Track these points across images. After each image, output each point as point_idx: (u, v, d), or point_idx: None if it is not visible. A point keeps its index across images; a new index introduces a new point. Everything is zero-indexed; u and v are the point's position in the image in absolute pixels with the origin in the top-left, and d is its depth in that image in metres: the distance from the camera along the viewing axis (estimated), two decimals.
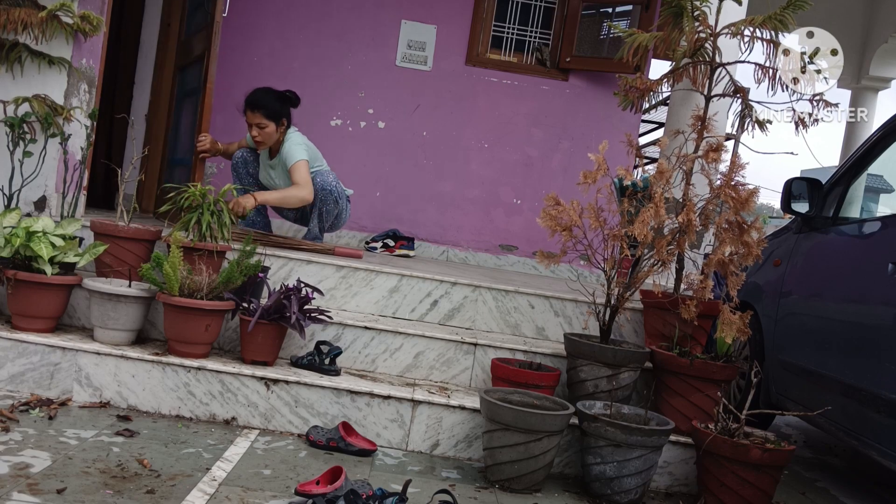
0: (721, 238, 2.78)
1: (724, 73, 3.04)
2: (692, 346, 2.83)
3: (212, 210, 2.90)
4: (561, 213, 2.77)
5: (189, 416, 2.59)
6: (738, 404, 2.82)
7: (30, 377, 2.57)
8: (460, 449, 2.65)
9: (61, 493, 1.83)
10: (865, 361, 2.55)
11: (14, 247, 2.59)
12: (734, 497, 2.37)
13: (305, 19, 4.83)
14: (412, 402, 2.64)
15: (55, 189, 3.12)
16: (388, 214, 4.88)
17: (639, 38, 3.10)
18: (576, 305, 3.26)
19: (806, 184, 3.27)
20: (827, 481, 3.11)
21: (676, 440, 2.63)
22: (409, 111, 4.86)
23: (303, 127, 4.81)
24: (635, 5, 4.86)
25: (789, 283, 3.25)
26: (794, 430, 3.97)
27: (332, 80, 4.83)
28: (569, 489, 2.51)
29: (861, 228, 2.96)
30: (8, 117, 2.95)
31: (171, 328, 2.64)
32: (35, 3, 3.01)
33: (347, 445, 2.47)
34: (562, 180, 4.88)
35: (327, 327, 2.89)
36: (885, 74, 7.14)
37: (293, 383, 2.61)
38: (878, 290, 2.54)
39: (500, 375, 2.75)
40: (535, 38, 4.97)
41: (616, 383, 2.66)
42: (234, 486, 2.05)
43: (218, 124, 4.77)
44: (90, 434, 2.27)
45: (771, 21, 2.87)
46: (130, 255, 2.87)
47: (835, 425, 2.74)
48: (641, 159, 4.76)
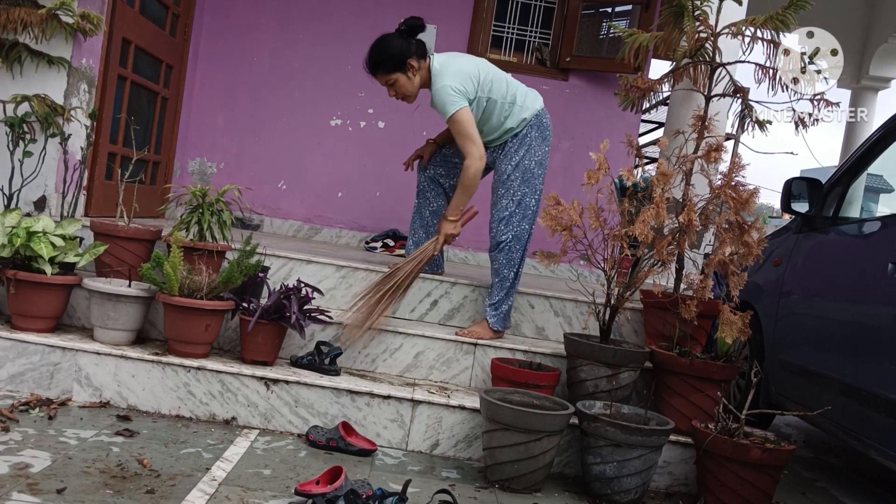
0: (721, 238, 2.78)
1: (725, 73, 3.04)
2: (692, 346, 2.83)
3: (212, 210, 2.90)
4: (561, 213, 2.77)
5: (189, 415, 2.59)
6: (738, 404, 2.82)
7: (30, 377, 2.57)
8: (460, 449, 2.65)
9: (61, 493, 1.83)
10: (865, 361, 2.55)
11: (14, 247, 2.59)
12: (734, 497, 2.37)
13: (305, 19, 4.83)
14: (412, 401, 2.64)
15: (55, 189, 3.12)
16: (388, 214, 4.88)
17: (639, 39, 3.10)
18: (576, 305, 3.26)
19: (806, 184, 3.27)
20: (827, 481, 3.11)
21: (676, 440, 2.63)
22: (409, 111, 4.85)
23: (303, 127, 4.84)
24: (635, 5, 4.86)
25: (789, 282, 3.25)
26: (794, 430, 3.97)
27: (332, 80, 4.82)
28: (569, 489, 2.51)
29: (861, 228, 2.96)
30: (8, 117, 2.95)
31: (171, 328, 2.64)
32: (35, 2, 3.01)
33: (347, 445, 2.47)
34: (562, 180, 4.87)
35: (327, 327, 2.89)
36: (885, 74, 7.14)
37: (293, 383, 2.61)
38: (878, 289, 2.54)
39: (499, 375, 2.75)
40: (535, 38, 4.97)
41: (616, 383, 2.66)
42: (234, 486, 2.05)
43: (219, 124, 4.78)
44: (90, 434, 2.27)
45: (772, 21, 2.87)
46: (130, 255, 2.87)
47: (835, 425, 2.73)
48: (641, 159, 4.75)
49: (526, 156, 3.04)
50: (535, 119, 3.06)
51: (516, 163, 3.03)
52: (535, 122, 3.06)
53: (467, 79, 2.94)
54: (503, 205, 3.03)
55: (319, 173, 4.84)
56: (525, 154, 3.04)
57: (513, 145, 3.05)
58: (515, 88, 3.05)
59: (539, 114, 3.08)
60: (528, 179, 3.04)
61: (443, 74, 2.93)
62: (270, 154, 4.82)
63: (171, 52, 4.28)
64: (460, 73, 2.94)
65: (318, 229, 4.82)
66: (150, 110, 4.17)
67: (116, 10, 3.44)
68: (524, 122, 3.04)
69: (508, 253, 3.02)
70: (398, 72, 2.97)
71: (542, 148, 3.08)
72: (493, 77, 3.02)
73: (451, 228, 3.06)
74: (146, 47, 3.86)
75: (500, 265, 3.04)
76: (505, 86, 3.03)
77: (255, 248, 2.90)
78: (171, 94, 4.37)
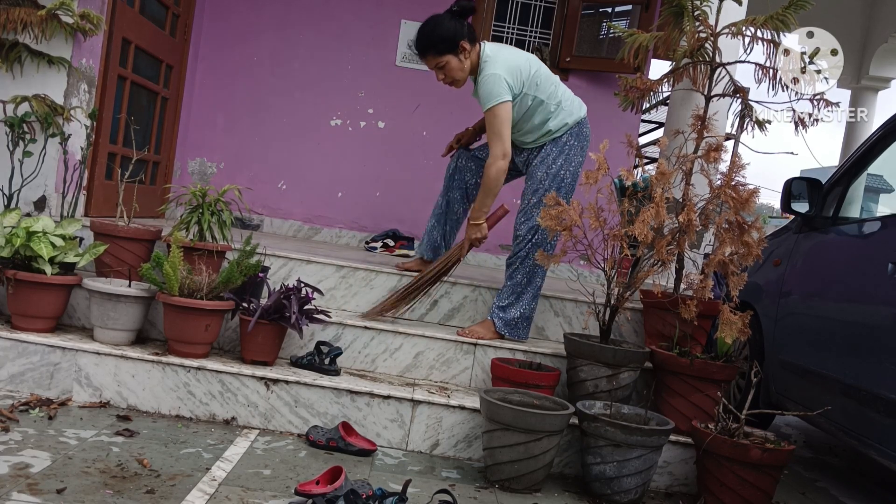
0: (721, 238, 2.78)
1: (724, 73, 3.04)
2: (692, 346, 2.83)
3: (212, 210, 2.90)
4: (561, 213, 2.77)
5: (189, 415, 2.59)
6: (738, 404, 2.82)
7: (30, 377, 2.57)
8: (460, 449, 2.65)
9: (61, 493, 1.83)
10: (865, 361, 2.55)
11: (14, 247, 2.59)
12: (734, 497, 2.37)
13: (305, 19, 4.83)
14: (412, 401, 2.64)
15: (55, 189, 3.12)
16: (388, 214, 4.88)
17: (639, 39, 3.09)
18: (576, 305, 3.26)
19: (806, 184, 3.27)
20: (827, 481, 3.11)
21: (676, 440, 2.63)
22: (409, 111, 4.85)
23: (303, 127, 4.84)
24: (635, 5, 4.86)
25: (789, 282, 3.25)
26: (794, 430, 3.97)
27: (332, 80, 4.82)
28: (569, 489, 2.51)
29: (861, 228, 2.96)
30: (8, 117, 2.95)
31: (171, 328, 2.64)
32: (35, 2, 3.00)
33: (347, 445, 2.47)
34: None
35: (327, 327, 2.89)
36: (885, 74, 7.14)
37: (293, 383, 2.61)
38: (878, 290, 2.54)
39: (500, 375, 2.75)
40: (535, 38, 4.97)
41: (616, 383, 2.66)
42: (234, 486, 2.05)
43: (219, 124, 4.78)
44: (90, 434, 2.27)
45: (772, 21, 2.87)
46: (130, 255, 2.87)
47: (835, 425, 2.73)
48: (641, 159, 4.75)
49: (564, 165, 2.96)
50: (576, 127, 2.99)
51: (555, 172, 2.95)
52: (576, 130, 2.99)
53: (517, 71, 2.85)
54: (534, 214, 2.92)
55: (319, 173, 4.84)
56: (563, 164, 2.96)
57: (550, 151, 2.97)
58: (563, 92, 3.00)
59: (581, 122, 3.01)
60: (560, 188, 2.95)
61: (495, 62, 2.83)
62: (270, 154, 4.82)
63: (171, 52, 4.28)
64: (512, 64, 2.85)
65: (318, 229, 4.82)
66: (150, 110, 4.17)
67: (116, 10, 3.44)
68: (565, 128, 2.97)
69: (525, 259, 2.97)
70: (450, 54, 2.85)
71: (579, 158, 3.00)
72: (542, 76, 2.93)
73: (475, 233, 3.00)
74: (146, 47, 3.86)
75: (515, 269, 3.00)
76: (553, 87, 2.96)
77: (255, 248, 2.90)
78: (171, 94, 4.37)
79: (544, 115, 2.95)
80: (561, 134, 2.98)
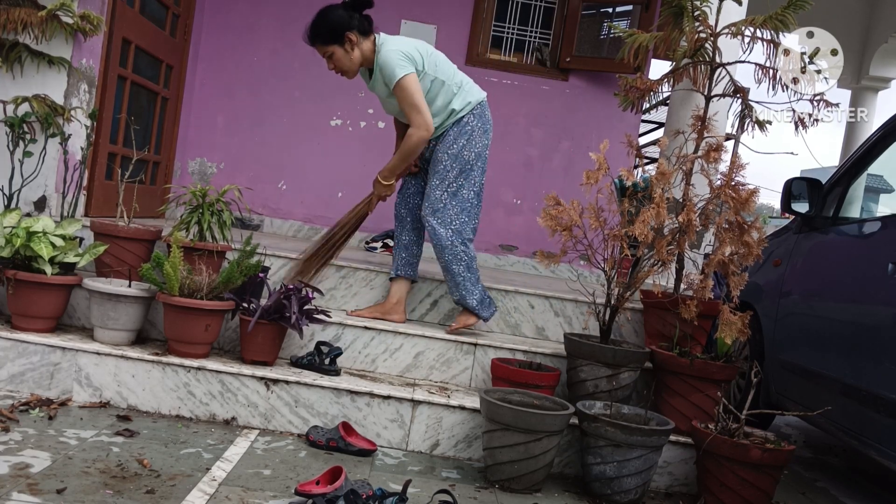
0: (721, 238, 2.78)
1: (724, 73, 3.04)
2: (692, 346, 2.83)
3: (212, 210, 2.90)
4: (561, 213, 2.77)
5: (189, 416, 2.59)
6: (738, 404, 2.82)
7: (30, 377, 2.57)
8: (460, 449, 2.65)
9: (61, 493, 1.83)
10: (865, 361, 2.55)
11: (14, 247, 2.59)
12: (734, 497, 2.37)
13: (306, 19, 4.82)
14: (412, 402, 2.64)
15: (55, 189, 3.12)
16: (388, 214, 4.86)
17: (639, 39, 3.10)
18: (576, 305, 3.26)
19: (806, 184, 3.27)
20: (827, 481, 3.11)
21: (676, 440, 2.63)
22: None
23: (303, 127, 4.84)
24: (635, 5, 4.86)
25: (789, 283, 3.25)
26: (794, 430, 3.97)
27: (333, 80, 4.80)
28: (569, 489, 2.51)
29: (861, 228, 2.96)
30: (8, 117, 2.95)
31: (171, 328, 2.64)
32: (35, 2, 3.01)
33: (347, 445, 2.47)
34: (562, 180, 4.88)
35: (327, 327, 2.89)
36: (885, 74, 7.14)
37: (293, 383, 2.61)
38: (878, 290, 2.54)
39: (500, 375, 2.75)
40: (535, 38, 4.97)
41: (616, 383, 2.66)
42: (234, 486, 2.05)
43: (219, 124, 4.78)
44: (90, 434, 2.27)
45: (772, 21, 2.87)
46: (130, 255, 2.87)
47: (835, 425, 2.73)
48: (641, 159, 4.75)
49: (466, 146, 2.95)
50: (479, 108, 3.00)
51: (455, 152, 2.95)
52: (479, 112, 3.00)
53: (414, 49, 2.89)
54: (437, 196, 2.94)
55: (319, 173, 4.84)
56: (465, 144, 2.95)
57: (452, 133, 2.97)
58: (463, 76, 3.03)
59: (483, 104, 3.03)
60: (466, 171, 2.96)
61: (390, 42, 2.88)
62: (270, 154, 4.82)
63: (171, 52, 4.28)
64: (408, 43, 2.91)
65: (319, 229, 4.82)
66: (150, 110, 4.17)
67: (116, 11, 3.44)
68: (468, 106, 2.97)
69: (452, 249, 2.94)
70: (335, 44, 2.88)
71: (483, 140, 3.00)
72: (440, 58, 2.97)
73: (385, 191, 3.05)
74: (146, 47, 3.86)
75: (447, 262, 2.96)
76: (452, 70, 2.99)
77: (255, 248, 2.90)
78: (171, 94, 4.37)
79: (447, 97, 2.95)
80: (465, 114, 2.98)
